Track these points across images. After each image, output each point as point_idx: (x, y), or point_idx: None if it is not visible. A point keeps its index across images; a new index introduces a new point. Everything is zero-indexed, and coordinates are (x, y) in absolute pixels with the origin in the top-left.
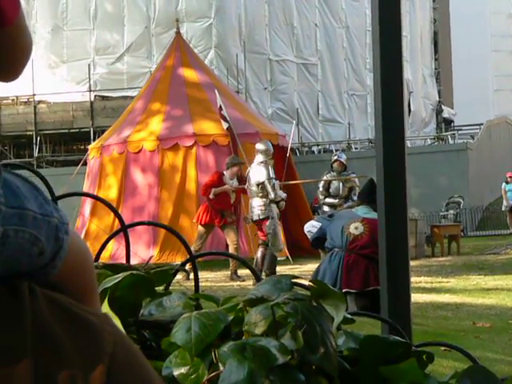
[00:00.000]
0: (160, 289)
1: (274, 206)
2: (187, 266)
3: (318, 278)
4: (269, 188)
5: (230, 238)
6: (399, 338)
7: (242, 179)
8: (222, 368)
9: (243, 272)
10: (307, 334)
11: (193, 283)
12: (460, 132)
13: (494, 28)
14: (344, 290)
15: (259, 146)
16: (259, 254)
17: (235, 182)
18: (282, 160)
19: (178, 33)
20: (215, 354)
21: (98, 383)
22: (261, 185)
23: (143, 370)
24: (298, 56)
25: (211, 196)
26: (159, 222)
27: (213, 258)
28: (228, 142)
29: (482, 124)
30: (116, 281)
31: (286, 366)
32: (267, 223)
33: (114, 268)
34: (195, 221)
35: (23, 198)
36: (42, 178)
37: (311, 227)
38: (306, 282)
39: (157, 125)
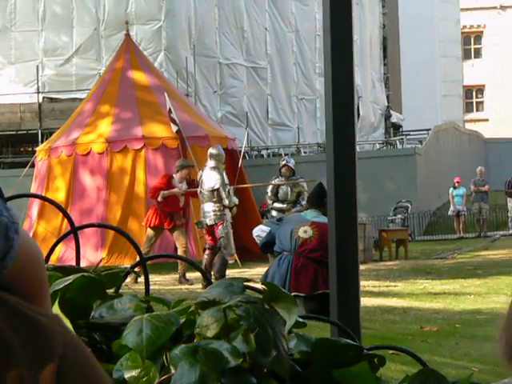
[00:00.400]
0: (110, 291)
1: (227, 211)
2: (136, 269)
3: (267, 280)
4: (223, 194)
5: (180, 241)
6: (350, 341)
7: (192, 182)
8: (173, 371)
9: (192, 275)
10: (259, 336)
11: (142, 286)
12: (408, 137)
13: (442, 34)
14: (293, 294)
15: (212, 151)
16: (206, 257)
17: (184, 185)
18: (231, 163)
19: (127, 35)
20: (167, 357)
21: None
22: (215, 191)
23: (94, 372)
24: (248, 60)
25: (159, 199)
26: (109, 224)
27: (162, 261)
28: (177, 145)
29: (430, 129)
30: (67, 283)
31: (238, 369)
32: (220, 228)
33: (65, 270)
34: (144, 224)
35: None
36: None
37: (260, 231)
38: (258, 285)
39: (106, 127)
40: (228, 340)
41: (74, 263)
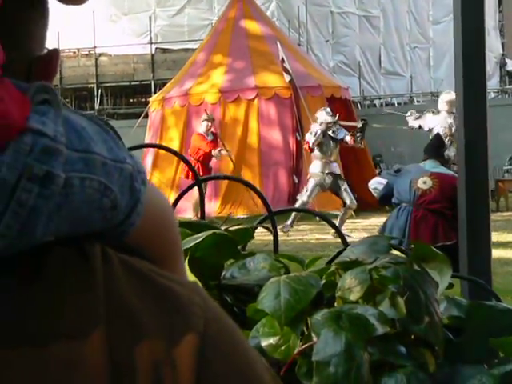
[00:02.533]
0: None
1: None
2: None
3: (386, 233)
4: None
5: None
6: (508, 306)
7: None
8: (315, 339)
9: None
10: (410, 301)
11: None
12: None
13: None
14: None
15: None
16: None
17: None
18: (345, 112)
19: None
20: (307, 323)
21: (186, 368)
22: None
23: (247, 359)
24: (360, 8)
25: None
26: (235, 176)
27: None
28: (290, 95)
29: None
30: (197, 241)
31: (386, 337)
32: None
33: (192, 226)
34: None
35: (89, 140)
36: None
37: (377, 184)
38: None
39: (218, 77)
40: (374, 305)
41: (186, 215)
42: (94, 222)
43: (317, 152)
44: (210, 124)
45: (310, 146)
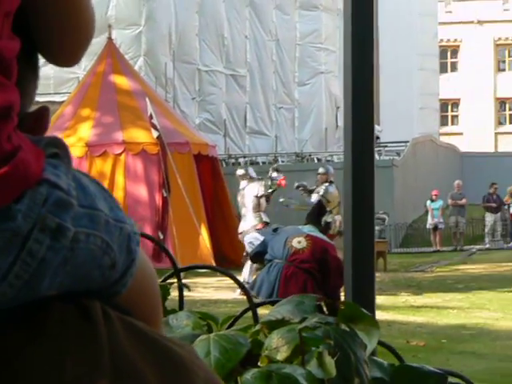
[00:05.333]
0: None
1: None
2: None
3: (256, 287)
4: None
5: None
6: (432, 369)
7: None
8: None
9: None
10: (340, 362)
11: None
12: (386, 149)
13: (420, 47)
14: None
15: None
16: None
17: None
18: (211, 170)
19: (109, 39)
20: (237, 382)
21: None
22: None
23: None
24: (228, 67)
25: None
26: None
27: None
28: (158, 151)
29: (407, 141)
30: None
31: None
32: None
33: None
34: None
35: (94, 197)
36: None
37: (253, 239)
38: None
39: (86, 131)
40: (302, 364)
41: None
42: (94, 279)
43: None
44: None
45: None
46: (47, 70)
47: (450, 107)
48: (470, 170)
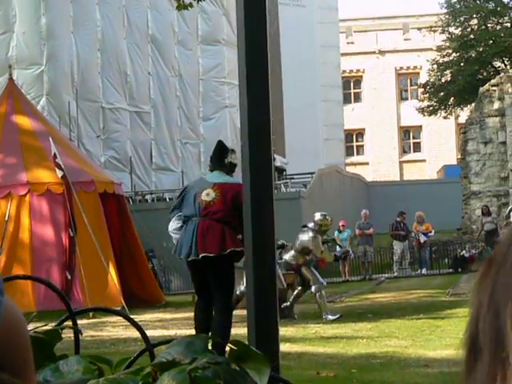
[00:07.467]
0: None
1: None
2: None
3: (176, 249)
4: None
5: None
6: None
7: None
8: None
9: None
10: None
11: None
12: (292, 181)
13: (323, 78)
14: (202, 255)
15: None
16: None
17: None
18: (117, 208)
19: (11, 79)
20: None
21: None
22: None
23: None
24: (131, 104)
25: None
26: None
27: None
28: (63, 191)
29: (313, 173)
30: None
31: None
32: None
33: None
34: None
35: None
36: None
37: (172, 224)
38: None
39: None
40: None
41: None
42: None
43: None
44: None
45: None
46: None
47: (354, 137)
48: (376, 198)
